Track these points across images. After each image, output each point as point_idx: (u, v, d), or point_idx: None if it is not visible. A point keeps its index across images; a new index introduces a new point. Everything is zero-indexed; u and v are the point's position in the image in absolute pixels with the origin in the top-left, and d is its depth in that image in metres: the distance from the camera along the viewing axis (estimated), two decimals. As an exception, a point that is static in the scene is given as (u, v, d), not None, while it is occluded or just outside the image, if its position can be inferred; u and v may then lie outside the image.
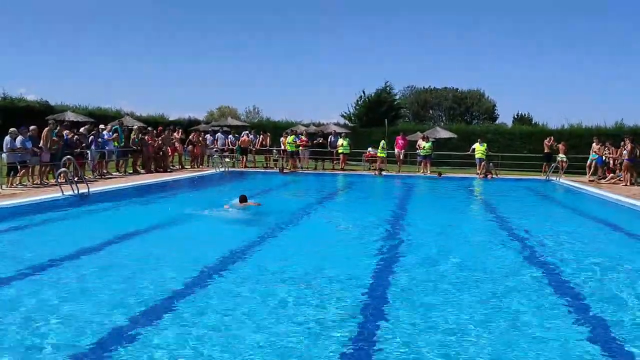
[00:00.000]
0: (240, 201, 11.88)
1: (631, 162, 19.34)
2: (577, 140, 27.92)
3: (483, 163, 23.23)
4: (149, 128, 23.01)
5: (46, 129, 16.20)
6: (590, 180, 20.99)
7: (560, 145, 23.55)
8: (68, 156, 14.33)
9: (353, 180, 21.66)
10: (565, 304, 5.79)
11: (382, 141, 25.39)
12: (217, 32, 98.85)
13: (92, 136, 18.52)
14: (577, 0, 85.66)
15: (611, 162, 21.08)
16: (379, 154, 25.11)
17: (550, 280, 6.79)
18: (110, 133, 20.06)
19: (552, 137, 24.82)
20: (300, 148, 25.69)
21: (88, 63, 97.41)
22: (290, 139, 25.27)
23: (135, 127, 23.58)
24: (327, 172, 25.01)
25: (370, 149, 27.05)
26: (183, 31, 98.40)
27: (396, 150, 25.39)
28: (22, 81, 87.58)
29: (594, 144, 22.54)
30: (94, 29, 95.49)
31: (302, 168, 25.47)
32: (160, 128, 23.13)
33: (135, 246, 8.45)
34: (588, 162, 22.57)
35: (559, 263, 7.68)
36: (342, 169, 25.36)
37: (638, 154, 19.49)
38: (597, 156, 21.88)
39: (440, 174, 23.21)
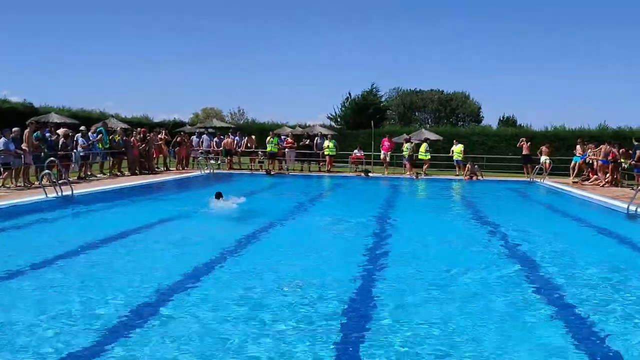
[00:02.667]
0: (216, 197, 12.36)
1: (604, 162, 19.81)
2: (561, 142, 28.24)
3: (468, 165, 23.39)
4: (134, 131, 22.86)
5: (26, 130, 16.04)
6: (574, 182, 21.19)
7: (543, 148, 23.78)
8: (52, 158, 14.23)
9: (340, 182, 21.68)
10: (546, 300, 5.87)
11: (424, 144, 25.59)
12: (202, 34, 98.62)
13: (79, 138, 18.44)
14: (561, 3, 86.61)
15: (595, 163, 21.28)
16: (421, 157, 25.18)
17: (538, 276, 6.88)
18: (95, 135, 19.94)
19: (524, 138, 25.02)
20: (286, 149, 25.73)
21: (73, 65, 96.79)
22: (274, 140, 25.24)
23: (118, 128, 23.47)
24: (313, 173, 25.03)
25: (356, 150, 27.13)
26: (167, 33, 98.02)
27: (382, 152, 25.51)
28: (6, 83, 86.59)
29: (577, 146, 22.79)
30: (79, 31, 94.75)
31: (288, 170, 25.48)
32: (143, 130, 22.93)
33: (119, 248, 8.38)
34: (572, 163, 22.79)
35: (546, 261, 7.78)
36: (329, 171, 25.40)
37: (619, 156, 19.75)
38: (579, 157, 22.14)
39: (417, 175, 23.42)
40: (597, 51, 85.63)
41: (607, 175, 19.71)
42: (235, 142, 25.98)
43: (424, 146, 25.11)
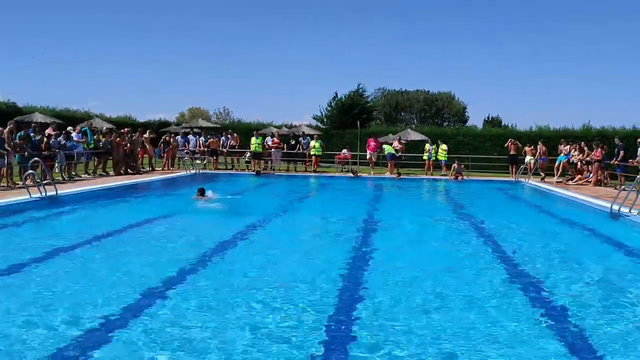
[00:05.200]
0: (200, 194, 13.32)
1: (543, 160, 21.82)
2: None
3: (454, 165, 23.60)
4: (122, 130, 22.71)
5: (6, 129, 15.83)
6: (557, 182, 21.40)
7: (527, 148, 24.00)
8: (36, 158, 14.09)
9: (327, 182, 21.77)
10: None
11: (431, 144, 25.92)
12: (188, 34, 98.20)
13: (62, 138, 18.26)
14: (545, 4, 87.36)
15: (578, 163, 21.50)
16: (440, 157, 25.36)
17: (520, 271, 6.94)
18: (79, 135, 19.79)
19: (512, 140, 25.28)
20: (272, 150, 25.74)
21: (57, 64, 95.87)
22: (258, 140, 25.19)
23: (104, 128, 23.32)
24: (299, 173, 25.04)
25: (345, 150, 27.19)
26: (153, 33, 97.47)
27: (368, 152, 25.55)
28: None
29: (561, 146, 23.03)
30: (63, 30, 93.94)
31: (274, 170, 25.46)
32: (127, 129, 22.78)
33: (102, 248, 8.30)
34: (556, 163, 23.02)
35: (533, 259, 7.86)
36: (315, 171, 25.41)
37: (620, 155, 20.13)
38: (563, 157, 22.39)
39: (399, 174, 23.52)
40: (583, 52, 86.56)
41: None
42: (221, 141, 25.91)
43: (443, 147, 25.37)
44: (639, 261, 8.30)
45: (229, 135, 26.44)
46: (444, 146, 25.29)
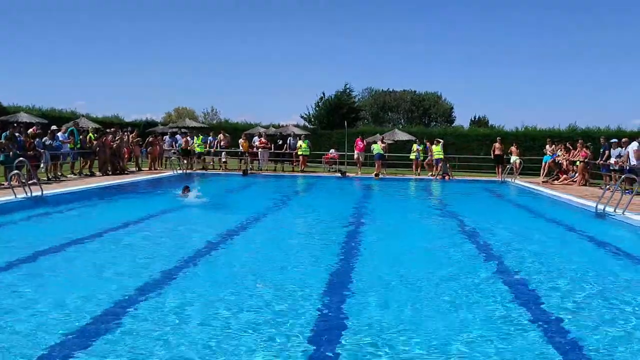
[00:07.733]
0: (184, 191, 14.14)
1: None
2: (532, 143, 28.66)
3: (440, 164, 23.69)
4: (108, 130, 22.55)
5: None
6: (543, 182, 21.55)
7: (512, 148, 24.14)
8: (21, 158, 13.98)
9: (316, 182, 21.81)
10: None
11: (419, 144, 25.98)
12: (176, 33, 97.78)
13: (47, 138, 18.13)
14: (534, 5, 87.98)
15: (564, 163, 21.66)
16: (436, 156, 24.67)
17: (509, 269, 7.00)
18: (66, 135, 19.63)
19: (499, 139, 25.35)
20: (259, 150, 25.74)
21: (43, 63, 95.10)
22: (198, 140, 25.18)
23: (89, 128, 23.17)
24: (286, 173, 25.02)
25: (332, 150, 27.19)
26: (140, 33, 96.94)
27: (356, 152, 25.56)
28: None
29: (547, 146, 23.20)
30: (49, 29, 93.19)
31: (261, 170, 25.45)
32: (114, 129, 22.63)
33: (87, 249, 8.24)
34: (543, 163, 23.21)
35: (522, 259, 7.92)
36: (302, 171, 25.39)
37: (590, 156, 20.28)
38: (549, 157, 22.56)
39: (377, 175, 23.49)
40: (571, 53, 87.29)
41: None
42: (209, 142, 25.84)
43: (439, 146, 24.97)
44: (622, 259, 8.40)
45: (217, 136, 26.32)
46: (441, 142, 25.06)
